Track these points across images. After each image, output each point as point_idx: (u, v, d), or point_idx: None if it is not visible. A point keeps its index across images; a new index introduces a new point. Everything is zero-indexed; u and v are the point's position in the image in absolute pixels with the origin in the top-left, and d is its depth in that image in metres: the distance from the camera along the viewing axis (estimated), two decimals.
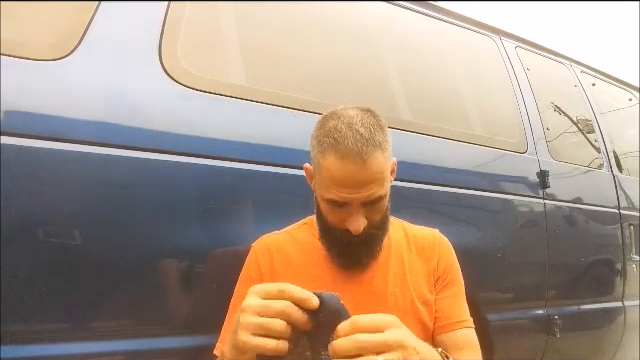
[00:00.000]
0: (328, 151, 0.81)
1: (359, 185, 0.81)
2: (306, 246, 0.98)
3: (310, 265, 0.95)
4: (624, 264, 2.09)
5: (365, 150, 0.79)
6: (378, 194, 0.83)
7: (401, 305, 0.91)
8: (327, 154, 0.81)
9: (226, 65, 1.23)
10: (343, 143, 0.79)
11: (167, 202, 1.02)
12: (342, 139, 0.79)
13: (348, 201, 0.83)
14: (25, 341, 0.87)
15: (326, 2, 1.49)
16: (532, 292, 1.71)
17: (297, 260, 0.96)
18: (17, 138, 0.85)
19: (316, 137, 0.86)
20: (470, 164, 1.60)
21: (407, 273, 0.95)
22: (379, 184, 0.83)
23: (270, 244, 0.98)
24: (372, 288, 0.93)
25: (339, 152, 0.80)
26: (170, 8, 1.10)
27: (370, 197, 0.82)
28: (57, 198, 0.90)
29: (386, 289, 0.92)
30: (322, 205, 0.90)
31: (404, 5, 1.65)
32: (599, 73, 2.50)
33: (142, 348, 0.97)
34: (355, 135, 0.79)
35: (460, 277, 1.00)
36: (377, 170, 0.81)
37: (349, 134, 0.79)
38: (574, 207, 1.89)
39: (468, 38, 1.87)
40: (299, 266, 0.95)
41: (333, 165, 0.80)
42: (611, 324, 2.04)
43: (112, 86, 0.98)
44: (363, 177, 0.80)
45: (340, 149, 0.79)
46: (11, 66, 0.87)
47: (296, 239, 1.00)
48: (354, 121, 0.81)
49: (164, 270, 1.02)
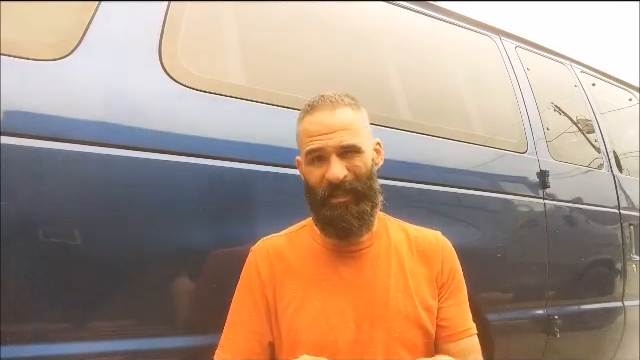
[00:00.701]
0: (304, 116, 0.91)
1: (330, 131, 0.87)
2: (305, 250, 0.97)
3: (310, 270, 0.94)
4: (624, 264, 2.08)
5: (335, 104, 0.90)
6: (351, 142, 0.88)
7: (403, 311, 0.91)
8: (303, 119, 0.92)
9: (226, 65, 1.23)
10: (314, 104, 0.91)
11: (167, 202, 1.01)
12: (314, 102, 0.91)
13: (323, 147, 0.88)
14: (25, 341, 0.86)
15: (326, 2, 1.49)
16: (532, 292, 1.71)
17: (297, 265, 0.95)
18: (17, 138, 0.85)
19: (297, 119, 0.95)
20: (470, 164, 1.60)
21: (409, 278, 0.94)
22: (351, 134, 0.88)
23: (269, 248, 0.98)
24: (374, 294, 0.92)
25: (311, 111, 0.91)
26: (170, 8, 1.10)
27: (342, 142, 0.87)
28: (57, 198, 0.90)
29: (388, 295, 0.92)
30: (306, 172, 0.93)
31: (404, 5, 1.65)
32: (599, 73, 2.49)
33: (142, 348, 0.97)
34: (326, 97, 0.91)
35: (464, 282, 0.99)
36: (347, 120, 0.89)
37: (320, 98, 0.92)
38: (574, 207, 1.89)
39: (468, 38, 1.87)
40: (300, 271, 0.94)
41: (307, 121, 0.90)
42: (611, 324, 2.04)
43: (112, 86, 0.98)
44: (333, 123, 0.88)
45: (312, 109, 0.91)
46: (11, 66, 0.87)
47: (295, 243, 0.99)
48: (327, 94, 0.93)
49: (164, 270, 1.02)
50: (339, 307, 0.90)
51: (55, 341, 0.89)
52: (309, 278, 0.93)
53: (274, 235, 1.02)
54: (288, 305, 0.92)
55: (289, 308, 0.91)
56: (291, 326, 0.90)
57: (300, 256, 0.96)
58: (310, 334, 0.89)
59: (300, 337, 0.89)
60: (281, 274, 0.94)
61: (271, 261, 0.95)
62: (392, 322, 0.90)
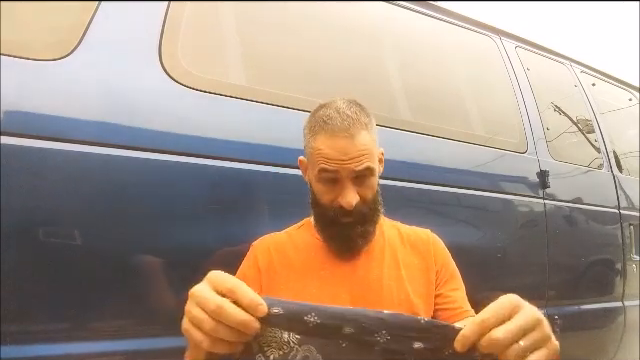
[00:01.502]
0: (319, 133, 0.89)
1: (347, 158, 0.88)
2: (305, 245, 0.99)
3: (307, 262, 0.97)
4: (624, 264, 2.08)
5: (352, 128, 0.87)
6: (364, 165, 0.89)
7: (396, 298, 0.93)
8: (318, 135, 0.89)
9: (226, 65, 1.23)
10: (332, 123, 0.88)
11: (167, 202, 1.02)
12: (331, 120, 0.88)
13: (338, 170, 0.88)
14: (25, 341, 0.87)
15: (326, 2, 1.49)
16: (532, 292, 1.71)
17: (296, 260, 0.97)
18: (17, 138, 0.86)
19: (308, 126, 0.93)
20: (470, 164, 1.60)
21: (402, 268, 0.97)
22: (365, 158, 0.89)
23: (270, 244, 1.00)
24: (368, 282, 0.94)
25: (329, 131, 0.88)
26: (170, 8, 1.10)
27: (358, 166, 0.88)
28: (57, 198, 0.90)
29: (381, 283, 0.94)
30: (315, 187, 0.94)
31: (404, 5, 1.65)
32: (599, 73, 2.49)
33: (142, 348, 0.97)
34: (343, 116, 0.88)
35: (458, 272, 1.02)
36: (364, 146, 0.89)
37: (337, 116, 0.88)
38: (574, 207, 1.89)
39: (468, 38, 1.87)
40: (298, 265, 0.97)
41: (324, 143, 0.88)
42: (611, 324, 2.04)
43: (112, 86, 0.98)
44: (351, 151, 0.88)
45: (329, 129, 0.88)
46: (11, 66, 0.87)
47: (295, 240, 1.01)
48: (341, 107, 0.90)
49: (164, 270, 1.02)
50: (335, 293, 0.93)
51: (55, 341, 0.89)
52: (307, 269, 0.96)
53: (275, 233, 1.04)
54: (284, 294, 0.93)
55: (285, 296, 0.92)
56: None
57: (299, 251, 0.99)
58: None
59: None
60: (280, 267, 0.96)
61: (271, 256, 0.98)
62: (385, 309, 0.92)
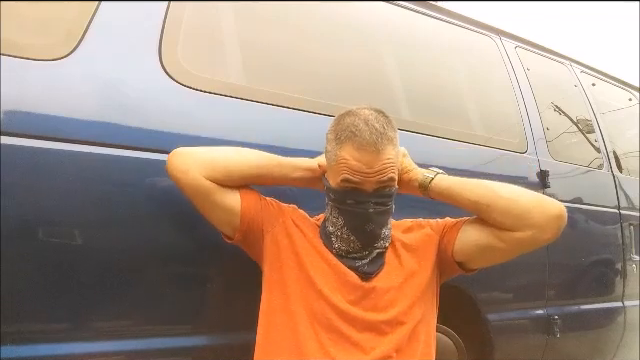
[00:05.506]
0: (346, 143, 0.90)
1: (372, 171, 0.90)
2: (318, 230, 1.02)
3: (315, 240, 1.00)
4: (624, 264, 2.08)
5: (379, 142, 0.89)
6: (387, 177, 0.91)
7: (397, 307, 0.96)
8: (345, 145, 0.90)
9: (226, 65, 1.23)
10: (361, 136, 0.89)
11: (167, 202, 1.02)
12: (359, 132, 0.89)
13: (362, 182, 0.91)
14: (25, 341, 0.87)
15: (326, 2, 1.49)
16: (532, 292, 1.71)
17: (310, 236, 1.01)
18: (17, 138, 0.85)
19: (334, 131, 0.93)
20: (470, 164, 1.60)
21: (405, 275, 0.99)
22: (389, 170, 0.91)
23: (309, 222, 1.04)
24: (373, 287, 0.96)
25: (356, 143, 0.89)
26: (170, 8, 1.10)
27: (380, 179, 0.91)
28: (57, 198, 0.90)
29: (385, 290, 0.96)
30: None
31: (404, 5, 1.65)
32: (599, 73, 2.49)
33: (142, 348, 0.97)
34: (371, 129, 0.89)
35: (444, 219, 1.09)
36: (389, 160, 0.91)
37: (365, 128, 0.89)
38: (574, 207, 1.89)
39: (468, 38, 1.87)
40: (308, 241, 0.99)
41: (350, 154, 0.89)
42: (611, 324, 2.04)
43: (112, 86, 0.98)
44: (376, 165, 0.90)
45: (357, 141, 0.89)
46: (11, 66, 0.87)
47: (314, 224, 1.04)
48: (369, 118, 0.91)
49: (164, 270, 1.02)
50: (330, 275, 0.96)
51: (55, 341, 0.90)
52: (315, 248, 0.99)
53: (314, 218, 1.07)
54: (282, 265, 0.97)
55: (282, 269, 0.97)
56: (284, 289, 0.95)
57: (314, 232, 1.02)
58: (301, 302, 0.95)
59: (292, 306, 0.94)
60: (296, 237, 0.99)
61: (301, 227, 1.01)
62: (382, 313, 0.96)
